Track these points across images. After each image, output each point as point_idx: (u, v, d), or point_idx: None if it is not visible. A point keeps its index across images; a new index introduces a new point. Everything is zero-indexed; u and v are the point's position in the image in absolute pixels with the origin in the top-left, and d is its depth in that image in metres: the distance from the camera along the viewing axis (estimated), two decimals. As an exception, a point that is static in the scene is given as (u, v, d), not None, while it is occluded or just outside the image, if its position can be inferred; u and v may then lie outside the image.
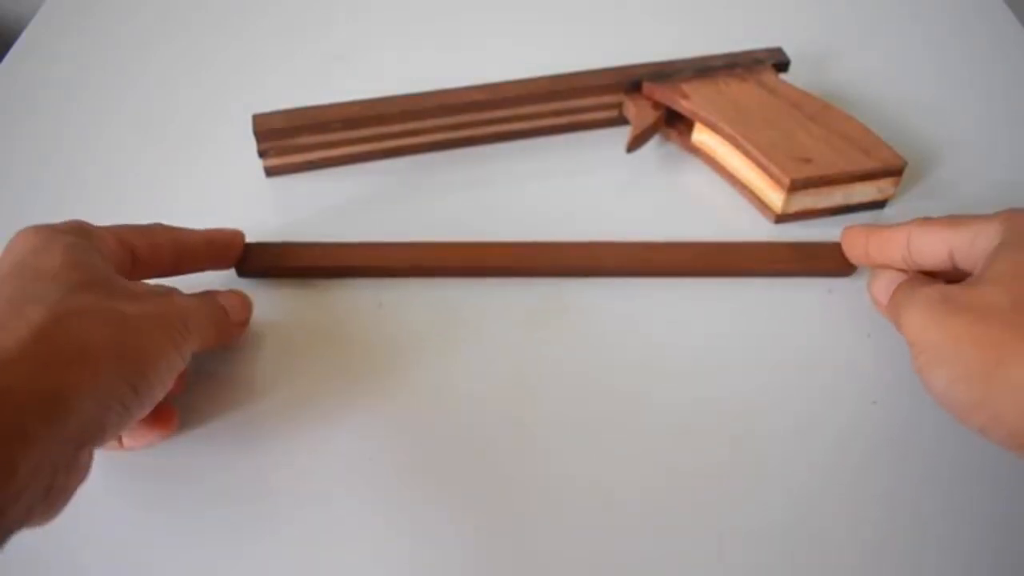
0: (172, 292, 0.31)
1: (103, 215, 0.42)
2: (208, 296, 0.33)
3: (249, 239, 0.39)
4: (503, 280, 0.38)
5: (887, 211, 0.41)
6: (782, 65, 0.45)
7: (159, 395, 0.28)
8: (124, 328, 0.27)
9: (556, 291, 0.38)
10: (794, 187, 0.39)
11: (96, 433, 0.26)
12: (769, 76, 0.44)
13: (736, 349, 0.36)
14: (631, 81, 0.44)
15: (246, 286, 0.38)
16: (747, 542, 0.30)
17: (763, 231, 0.41)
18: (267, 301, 0.37)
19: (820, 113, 0.41)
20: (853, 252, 0.36)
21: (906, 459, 0.32)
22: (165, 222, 0.34)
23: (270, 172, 0.44)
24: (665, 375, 0.35)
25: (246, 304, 0.35)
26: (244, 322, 0.35)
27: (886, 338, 0.35)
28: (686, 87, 0.43)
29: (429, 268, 0.38)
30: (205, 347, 0.31)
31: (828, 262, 0.38)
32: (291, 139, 0.42)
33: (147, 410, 0.28)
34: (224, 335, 0.33)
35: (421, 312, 0.37)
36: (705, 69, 0.44)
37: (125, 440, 0.31)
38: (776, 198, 0.40)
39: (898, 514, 0.31)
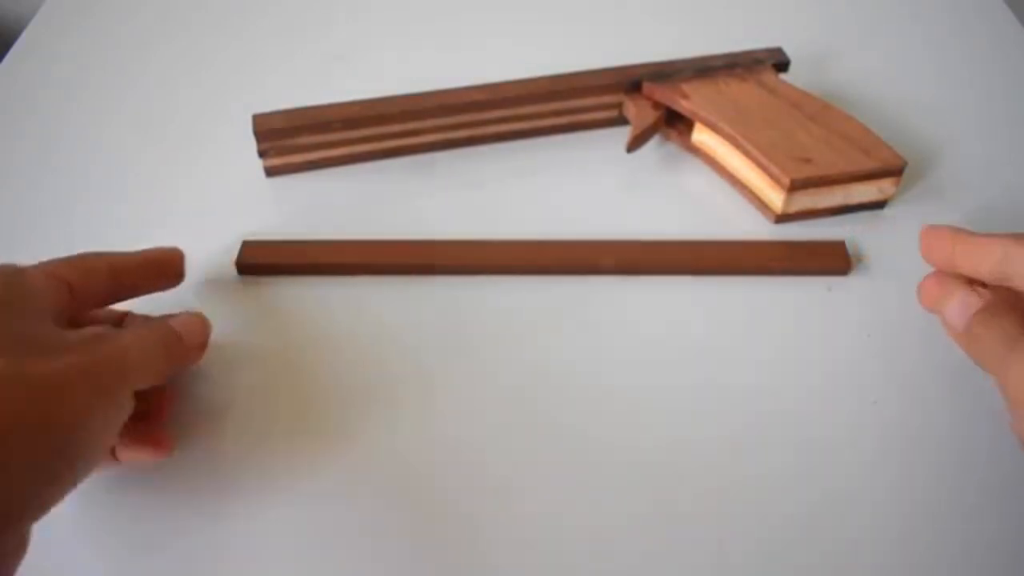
0: (105, 334, 0.28)
1: (102, 215, 0.42)
2: (156, 324, 0.31)
3: (249, 239, 0.39)
4: (503, 278, 0.38)
5: (887, 211, 0.41)
6: (782, 65, 0.45)
7: (100, 451, 0.27)
8: (38, 394, 0.24)
9: (556, 289, 0.38)
10: (794, 187, 0.39)
11: (25, 512, 0.24)
12: (769, 76, 0.44)
13: (735, 348, 0.36)
14: (631, 81, 0.44)
15: (245, 284, 0.38)
16: (747, 543, 0.30)
17: (763, 231, 0.41)
18: (267, 299, 0.37)
19: (820, 113, 0.41)
20: (937, 255, 0.34)
21: (906, 459, 0.32)
22: (164, 221, 0.34)
23: (270, 172, 0.44)
24: (665, 373, 0.35)
25: (204, 325, 0.33)
26: (202, 345, 0.33)
27: (886, 337, 0.36)
28: (686, 87, 0.43)
29: (429, 266, 0.38)
30: (157, 381, 0.29)
31: (828, 260, 0.38)
32: (291, 139, 0.42)
33: (93, 467, 0.26)
34: (179, 361, 0.32)
35: (421, 311, 0.37)
36: (705, 69, 0.44)
37: (120, 455, 0.31)
38: (776, 198, 0.40)
39: (898, 514, 0.31)
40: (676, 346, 0.36)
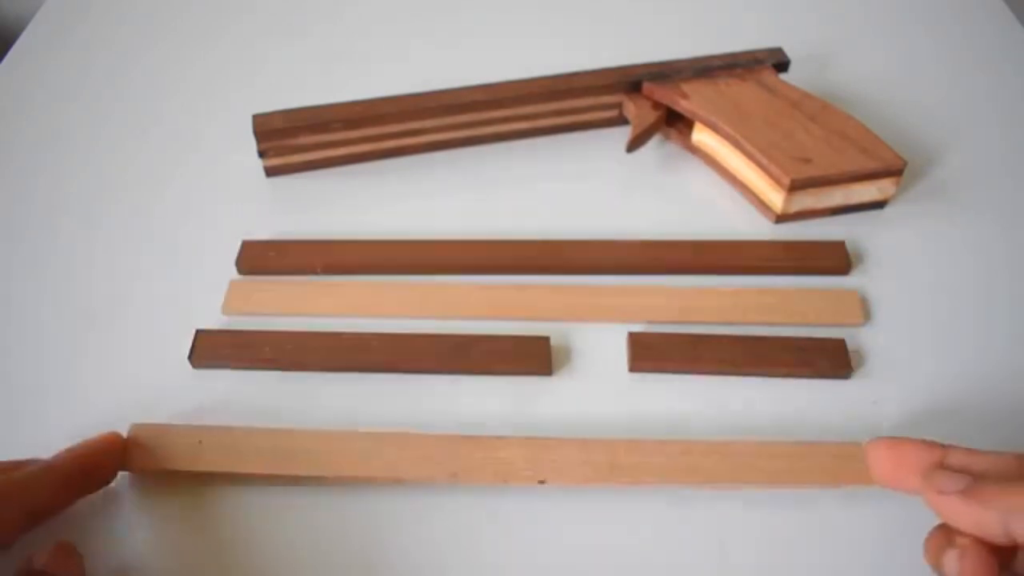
0: None
1: (101, 215, 0.42)
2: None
3: (249, 239, 0.39)
4: (503, 278, 0.38)
5: (887, 211, 0.41)
6: (782, 65, 0.45)
7: None
8: None
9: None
10: (794, 187, 0.39)
11: None
12: (769, 76, 0.44)
13: (736, 349, 0.36)
14: (631, 81, 0.44)
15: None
16: (746, 543, 0.30)
17: (763, 231, 0.41)
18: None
19: (820, 113, 0.41)
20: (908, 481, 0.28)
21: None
22: (163, 221, 0.34)
23: (270, 172, 0.44)
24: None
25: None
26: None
27: (886, 336, 0.35)
28: (686, 87, 0.43)
29: (429, 266, 0.38)
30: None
31: (828, 260, 0.38)
32: (291, 139, 0.42)
33: None
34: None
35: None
36: (705, 69, 0.44)
37: None
38: (776, 198, 0.40)
39: (897, 514, 0.31)
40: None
